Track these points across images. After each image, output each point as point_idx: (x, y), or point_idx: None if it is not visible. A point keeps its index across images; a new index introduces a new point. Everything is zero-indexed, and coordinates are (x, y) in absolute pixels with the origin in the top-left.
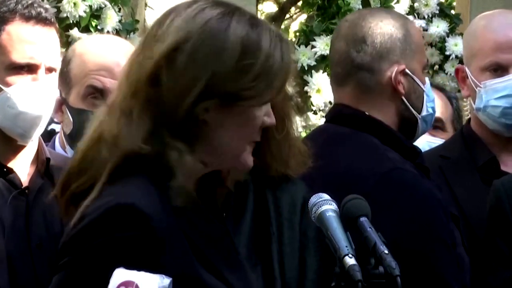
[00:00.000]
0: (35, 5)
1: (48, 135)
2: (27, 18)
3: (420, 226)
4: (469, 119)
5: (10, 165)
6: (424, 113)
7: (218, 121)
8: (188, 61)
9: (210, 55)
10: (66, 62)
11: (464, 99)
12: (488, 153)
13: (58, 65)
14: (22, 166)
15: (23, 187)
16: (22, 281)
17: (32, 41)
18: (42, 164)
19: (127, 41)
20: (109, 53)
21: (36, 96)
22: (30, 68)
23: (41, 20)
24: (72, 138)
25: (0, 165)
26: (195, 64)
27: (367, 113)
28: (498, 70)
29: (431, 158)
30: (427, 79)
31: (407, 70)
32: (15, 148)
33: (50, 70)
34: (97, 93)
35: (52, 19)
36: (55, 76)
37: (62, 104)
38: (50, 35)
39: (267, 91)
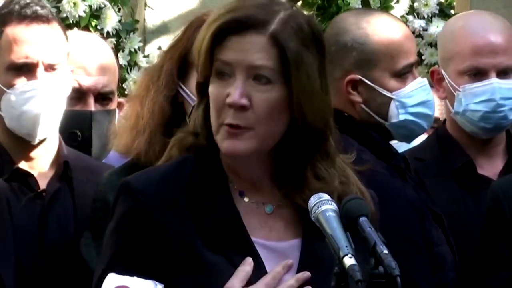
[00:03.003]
0: (31, 4)
1: None
2: (23, 17)
3: (388, 226)
4: (444, 121)
5: (27, 167)
6: (393, 120)
7: None
8: None
9: None
10: None
11: (440, 101)
12: (464, 156)
13: (61, 61)
14: (41, 168)
15: (39, 190)
16: (34, 285)
17: (27, 40)
18: (60, 167)
19: (97, 36)
20: (80, 50)
21: (33, 94)
22: (28, 68)
23: (36, 18)
24: None
25: (16, 167)
26: None
27: (346, 114)
28: (478, 74)
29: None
30: (419, 83)
31: (363, 79)
32: (30, 149)
33: (51, 67)
34: (73, 92)
35: (50, 16)
36: (59, 72)
37: None
38: (48, 32)
39: (199, 69)
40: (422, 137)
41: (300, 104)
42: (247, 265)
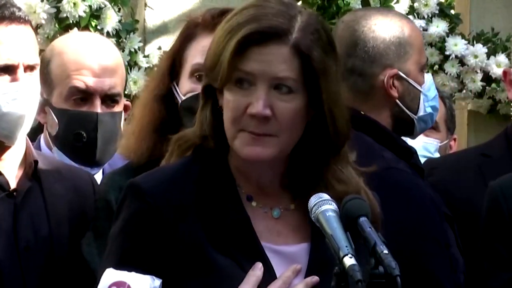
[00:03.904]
0: (7, 5)
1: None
2: (1, 18)
3: (412, 225)
4: None
5: None
6: (421, 113)
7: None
8: None
9: None
10: (45, 63)
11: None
12: None
13: (37, 62)
14: (10, 168)
15: (10, 189)
16: (10, 284)
17: (7, 41)
18: (30, 167)
19: (105, 38)
20: (88, 51)
21: (16, 96)
22: (9, 69)
23: (15, 19)
24: (58, 139)
25: None
26: None
27: (362, 112)
28: None
29: (472, 156)
30: (429, 76)
31: (400, 74)
32: (1, 150)
33: (30, 68)
34: (80, 93)
35: (26, 17)
36: (36, 73)
37: (44, 105)
38: (25, 33)
39: (220, 69)
40: (421, 137)
41: (331, 110)
42: (258, 270)
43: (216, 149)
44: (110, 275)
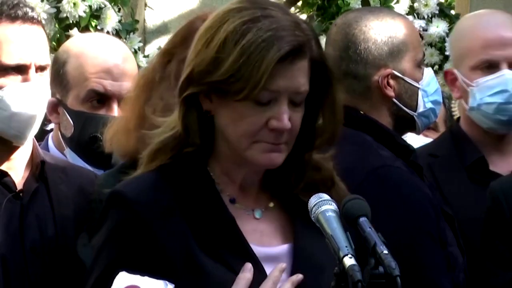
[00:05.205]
0: (20, 5)
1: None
2: (14, 18)
3: (405, 221)
4: (458, 118)
5: (4, 168)
6: (420, 109)
7: (220, 113)
8: (192, 50)
9: (201, 46)
10: (60, 64)
11: (453, 101)
12: (476, 153)
13: (48, 62)
14: (17, 169)
15: (17, 190)
16: (16, 284)
17: (20, 41)
18: (37, 167)
19: (120, 40)
20: (107, 54)
21: (28, 96)
22: (20, 69)
23: (27, 19)
24: (74, 141)
25: None
26: (192, 53)
27: (361, 112)
28: (490, 67)
29: (420, 156)
30: (429, 71)
31: (395, 73)
32: (9, 150)
33: (41, 68)
34: (98, 96)
35: (39, 18)
36: (46, 74)
37: (57, 105)
38: (38, 33)
39: (244, 88)
40: (420, 137)
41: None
42: (247, 272)
43: (197, 153)
44: (123, 279)
